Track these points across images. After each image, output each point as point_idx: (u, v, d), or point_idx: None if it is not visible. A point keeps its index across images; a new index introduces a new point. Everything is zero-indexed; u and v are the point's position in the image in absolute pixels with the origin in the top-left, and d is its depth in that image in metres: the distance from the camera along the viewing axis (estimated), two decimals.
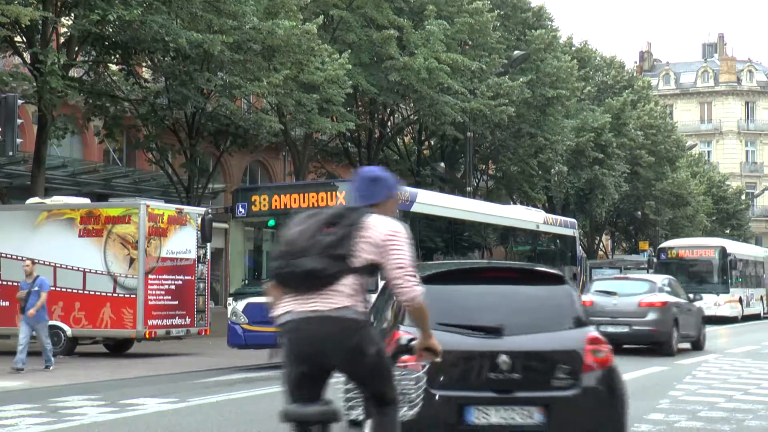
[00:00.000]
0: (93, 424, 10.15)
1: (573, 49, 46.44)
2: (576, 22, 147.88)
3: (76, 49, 23.26)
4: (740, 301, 38.08)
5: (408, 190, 19.65)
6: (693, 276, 36.98)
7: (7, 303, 20.27)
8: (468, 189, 32.70)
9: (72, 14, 22.72)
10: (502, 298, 7.79)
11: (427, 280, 6.96)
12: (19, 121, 19.32)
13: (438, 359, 5.27)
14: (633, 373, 16.23)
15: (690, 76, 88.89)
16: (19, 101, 19.45)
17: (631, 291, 21.31)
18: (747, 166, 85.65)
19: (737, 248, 41.72)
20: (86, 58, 25.08)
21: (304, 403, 4.81)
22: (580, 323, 7.70)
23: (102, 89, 25.93)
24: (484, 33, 33.17)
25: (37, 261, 18.04)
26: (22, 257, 20.15)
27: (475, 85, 32.70)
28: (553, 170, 40.15)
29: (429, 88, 30.04)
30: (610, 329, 19.73)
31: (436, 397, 7.13)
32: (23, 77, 22.31)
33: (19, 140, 20.66)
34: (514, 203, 39.52)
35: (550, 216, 26.53)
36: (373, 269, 4.85)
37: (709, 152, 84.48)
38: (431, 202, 19.90)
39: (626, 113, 48.01)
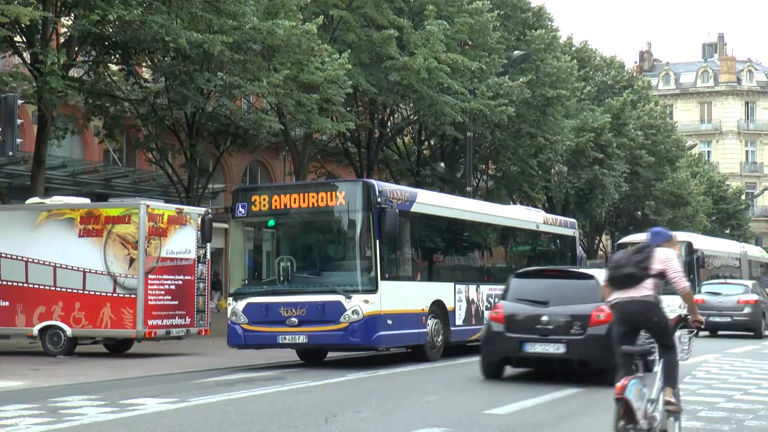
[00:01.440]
0: (93, 424, 10.15)
1: (573, 49, 46.43)
2: (576, 22, 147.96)
3: (76, 49, 23.24)
4: None
5: (408, 190, 19.56)
6: None
7: (7, 303, 20.29)
8: (468, 189, 32.70)
9: (72, 14, 22.71)
10: (552, 285, 14.96)
11: (515, 276, 15.28)
12: (19, 121, 19.31)
13: (703, 327, 9.17)
14: None
15: (690, 76, 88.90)
16: (19, 101, 19.44)
17: (731, 292, 28.73)
18: (747, 166, 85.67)
19: (706, 243, 38.67)
20: (86, 58, 25.06)
21: (629, 345, 8.34)
22: (595, 300, 13.69)
23: (102, 89, 25.93)
24: (484, 33, 33.16)
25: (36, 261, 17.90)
26: (22, 257, 20.23)
27: (475, 85, 32.70)
28: (553, 170, 40.13)
29: (429, 88, 30.04)
30: (717, 319, 28.04)
31: (508, 336, 14.31)
32: (23, 77, 22.30)
33: (19, 140, 20.66)
34: (514, 203, 39.49)
35: (550, 216, 26.40)
36: (662, 275, 8.55)
37: (709, 152, 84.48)
38: (431, 202, 19.80)
39: (626, 113, 48.00)
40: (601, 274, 13.97)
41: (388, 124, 36.40)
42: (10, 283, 20.31)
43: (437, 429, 9.77)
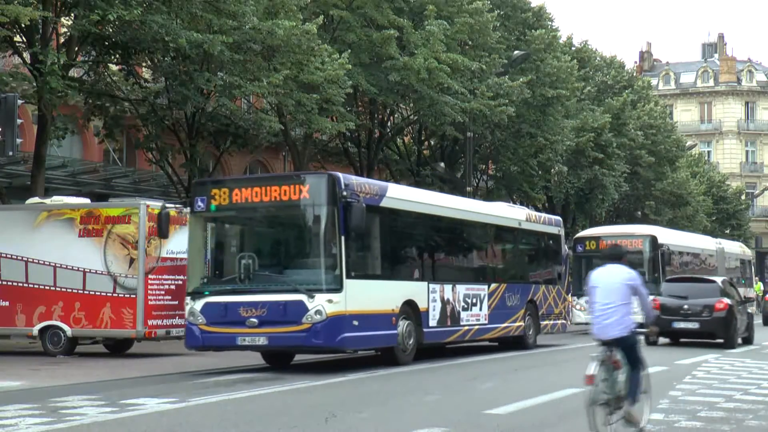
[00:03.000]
0: (93, 424, 10.15)
1: (573, 49, 46.41)
2: (576, 22, 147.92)
3: (76, 49, 23.25)
4: None
5: (378, 183, 18.59)
6: None
7: (7, 303, 20.29)
8: (468, 189, 32.69)
9: (72, 14, 22.71)
10: (689, 286, 24.92)
11: (666, 281, 26.75)
12: (19, 121, 19.32)
13: None
14: None
15: (690, 76, 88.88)
16: (19, 101, 19.44)
17: None
18: (747, 166, 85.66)
19: (674, 238, 35.74)
20: (86, 58, 25.06)
21: None
22: (718, 296, 24.10)
23: (102, 89, 25.93)
24: (484, 33, 33.16)
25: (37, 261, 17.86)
26: (22, 257, 20.23)
27: (475, 85, 32.69)
28: (553, 170, 40.12)
29: (429, 88, 30.04)
30: None
31: (661, 317, 22.51)
32: (23, 77, 22.30)
33: (19, 140, 20.67)
34: (514, 203, 39.43)
35: (534, 213, 25.49)
36: None
37: (709, 152, 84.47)
38: (403, 197, 18.78)
39: (626, 113, 47.99)
40: (719, 280, 25.47)
41: (388, 124, 36.39)
42: (10, 283, 20.30)
43: (437, 429, 9.77)
